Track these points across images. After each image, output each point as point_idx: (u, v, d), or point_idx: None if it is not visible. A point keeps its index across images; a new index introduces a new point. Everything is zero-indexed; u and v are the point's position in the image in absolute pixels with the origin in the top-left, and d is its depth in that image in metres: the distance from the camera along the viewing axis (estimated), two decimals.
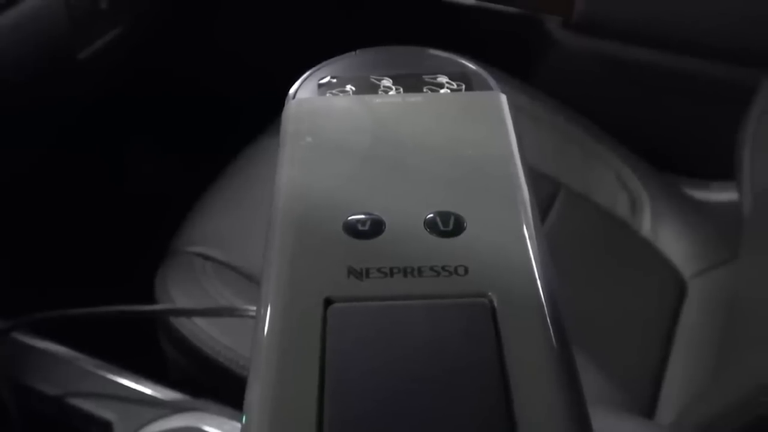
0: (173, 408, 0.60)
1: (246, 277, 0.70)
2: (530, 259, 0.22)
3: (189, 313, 0.65)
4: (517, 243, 0.23)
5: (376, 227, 0.23)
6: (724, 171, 0.83)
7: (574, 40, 0.95)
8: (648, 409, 0.71)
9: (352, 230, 0.23)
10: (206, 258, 0.71)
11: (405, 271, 0.22)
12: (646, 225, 0.85)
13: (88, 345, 0.65)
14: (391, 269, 0.22)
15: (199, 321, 0.66)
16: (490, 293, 0.21)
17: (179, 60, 1.01)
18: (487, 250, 0.22)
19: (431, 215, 0.23)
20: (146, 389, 0.62)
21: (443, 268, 0.22)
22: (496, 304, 0.21)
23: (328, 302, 0.21)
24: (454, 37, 0.90)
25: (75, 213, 0.93)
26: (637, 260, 0.83)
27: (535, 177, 0.84)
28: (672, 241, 0.84)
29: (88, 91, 0.87)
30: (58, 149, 0.89)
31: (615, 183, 0.87)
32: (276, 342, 0.21)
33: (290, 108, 0.29)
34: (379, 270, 0.22)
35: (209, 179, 0.80)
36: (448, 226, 0.23)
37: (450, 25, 1.03)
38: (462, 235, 0.23)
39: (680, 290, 0.82)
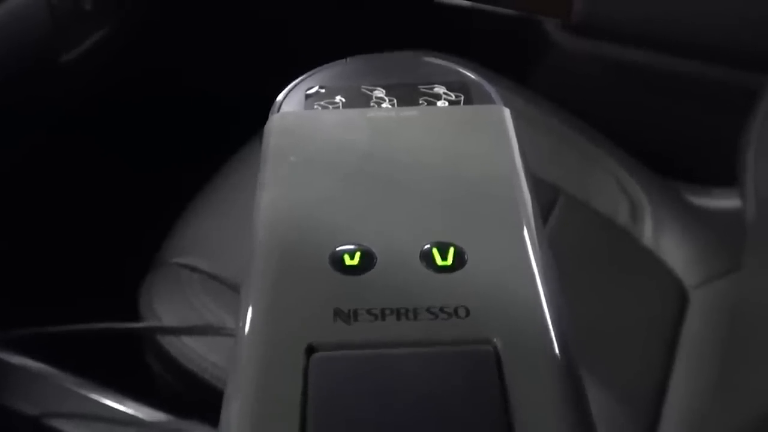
0: (157, 429, 0.58)
1: (234, 289, 0.67)
2: (540, 297, 0.20)
3: (173, 331, 0.63)
4: (525, 279, 0.20)
5: (366, 261, 0.21)
6: (727, 176, 0.81)
7: (573, 42, 0.93)
8: (650, 425, 0.69)
9: (339, 264, 0.21)
10: (193, 269, 0.68)
11: (398, 313, 0.19)
12: (647, 233, 0.83)
13: (70, 362, 0.62)
14: (382, 311, 0.19)
15: (185, 338, 0.63)
16: (494, 339, 0.19)
17: (166, 63, 0.99)
18: (491, 288, 0.20)
19: (428, 246, 0.21)
20: (129, 409, 0.60)
21: (441, 309, 0.19)
22: (501, 351, 0.18)
23: (310, 350, 0.19)
24: (450, 39, 0.87)
25: (55, 222, 0.90)
26: (638, 269, 0.81)
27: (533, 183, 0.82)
28: (674, 250, 0.82)
29: (72, 95, 0.85)
30: (38, 155, 0.86)
31: (615, 189, 0.85)
32: (251, 396, 0.18)
33: (273, 123, 0.26)
34: (368, 312, 0.19)
35: (197, 186, 0.78)
36: (447, 259, 0.21)
37: (446, 27, 1.01)
38: (462, 270, 0.20)
39: (682, 300, 0.79)
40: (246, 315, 0.20)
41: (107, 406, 0.60)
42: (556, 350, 0.19)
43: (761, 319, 0.63)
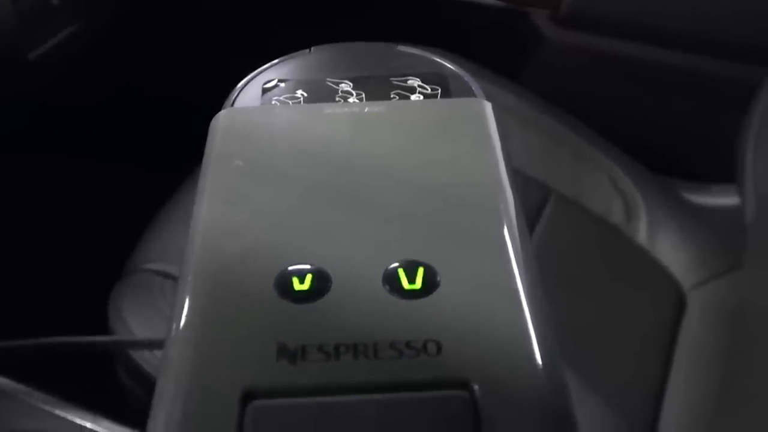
0: None
1: None
2: (527, 328, 0.16)
3: (142, 345, 0.59)
4: (509, 306, 0.17)
5: (318, 285, 0.17)
6: (725, 173, 0.78)
7: (563, 35, 0.90)
8: None
9: (287, 289, 0.17)
10: (166, 276, 0.65)
11: (355, 350, 0.16)
12: (642, 232, 0.80)
13: (36, 377, 0.59)
14: (336, 347, 0.16)
15: (158, 351, 0.60)
16: (471, 382, 0.15)
17: (138, 61, 0.95)
18: (467, 317, 0.17)
19: (393, 266, 0.18)
20: (99, 427, 0.56)
21: (407, 344, 0.16)
22: (479, 397, 0.15)
23: (247, 397, 0.15)
24: (435, 33, 0.84)
25: (19, 228, 0.87)
26: (633, 270, 0.78)
27: (523, 182, 0.79)
28: (670, 250, 0.79)
29: (39, 93, 0.81)
30: (2, 156, 0.83)
31: (608, 187, 0.82)
32: None
33: (218, 121, 0.23)
34: (319, 348, 0.16)
35: (170, 189, 0.74)
36: (415, 281, 0.17)
37: (432, 20, 0.98)
38: (433, 295, 0.17)
39: (679, 302, 0.77)
40: (172, 351, 0.16)
41: (76, 424, 0.57)
42: (547, 396, 0.15)
43: (762, 320, 0.61)
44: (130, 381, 0.62)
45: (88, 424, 0.57)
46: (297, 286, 0.17)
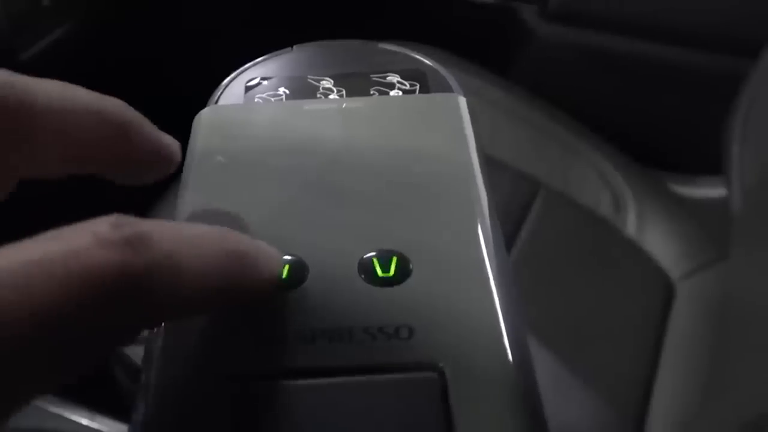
0: None
1: None
2: (496, 314, 0.17)
3: (138, 341, 0.60)
4: (479, 292, 0.18)
5: (295, 274, 0.18)
6: (712, 165, 0.79)
7: (552, 29, 0.91)
8: (637, 423, 0.67)
9: None
10: None
11: (330, 336, 0.17)
12: (630, 224, 0.81)
13: None
14: (312, 333, 0.17)
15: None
16: (441, 364, 0.16)
17: (133, 59, 0.95)
18: (438, 303, 0.17)
19: (368, 255, 0.18)
20: (94, 423, 0.57)
21: (380, 329, 0.17)
22: (449, 378, 0.16)
23: (228, 380, 0.16)
24: (424, 29, 0.85)
25: (12, 224, 0.87)
26: (622, 262, 0.79)
27: (511, 176, 0.80)
28: (658, 241, 0.80)
29: None
30: None
31: (597, 181, 0.83)
32: None
33: (201, 118, 0.23)
34: (297, 334, 0.17)
35: (161, 187, 0.75)
36: (389, 270, 0.18)
37: (420, 16, 0.98)
38: (406, 283, 0.18)
39: (668, 293, 0.77)
40: (158, 338, 0.17)
41: (72, 420, 0.58)
42: (514, 377, 0.16)
43: (750, 310, 0.61)
44: (125, 378, 0.63)
45: (84, 421, 0.57)
46: None
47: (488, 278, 0.18)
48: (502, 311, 0.17)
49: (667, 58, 0.87)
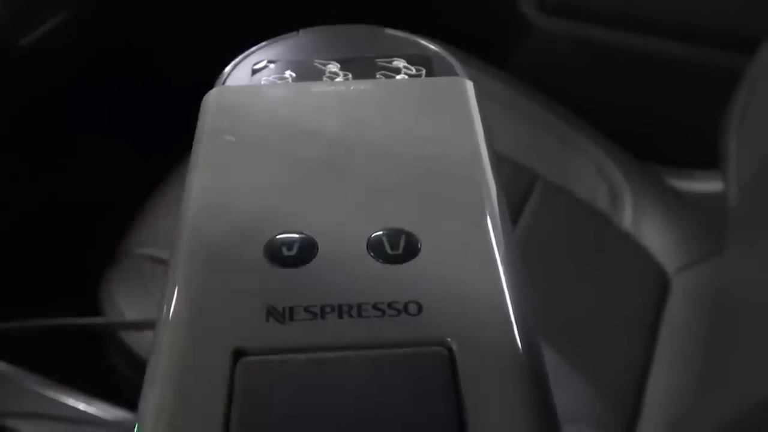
0: (119, 428, 0.55)
1: None
2: (502, 291, 0.17)
3: (134, 326, 0.60)
4: (486, 270, 0.18)
5: (306, 251, 0.18)
6: (709, 160, 0.79)
7: (551, 23, 0.91)
8: (631, 415, 0.67)
9: (276, 255, 0.18)
10: (157, 260, 0.66)
11: (340, 310, 0.17)
12: (627, 217, 0.81)
13: (29, 360, 0.60)
14: (322, 308, 0.17)
15: (149, 333, 0.60)
16: (449, 339, 0.16)
17: (132, 46, 0.95)
18: (446, 280, 0.18)
19: (377, 234, 0.18)
20: (90, 408, 0.57)
21: (390, 305, 0.17)
22: (456, 353, 0.16)
23: (238, 354, 0.16)
24: (423, 20, 0.85)
25: (12, 212, 0.87)
26: (618, 255, 0.79)
27: (509, 168, 0.80)
28: (654, 235, 0.80)
29: (32, 81, 0.81)
30: None
31: (594, 174, 0.83)
32: (166, 409, 0.16)
33: (210, 98, 0.23)
34: (306, 309, 0.17)
35: (161, 175, 0.75)
36: (398, 248, 0.18)
37: (419, 7, 0.98)
38: (415, 261, 0.18)
39: (663, 286, 0.78)
40: (167, 313, 0.17)
41: (68, 405, 0.57)
42: (520, 352, 0.16)
43: (744, 304, 0.62)
44: (121, 363, 0.63)
45: (81, 406, 0.57)
46: (285, 252, 0.18)
47: (495, 257, 0.18)
48: (508, 289, 0.17)
49: (666, 52, 0.88)
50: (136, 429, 0.16)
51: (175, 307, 0.17)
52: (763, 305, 0.57)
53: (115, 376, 0.65)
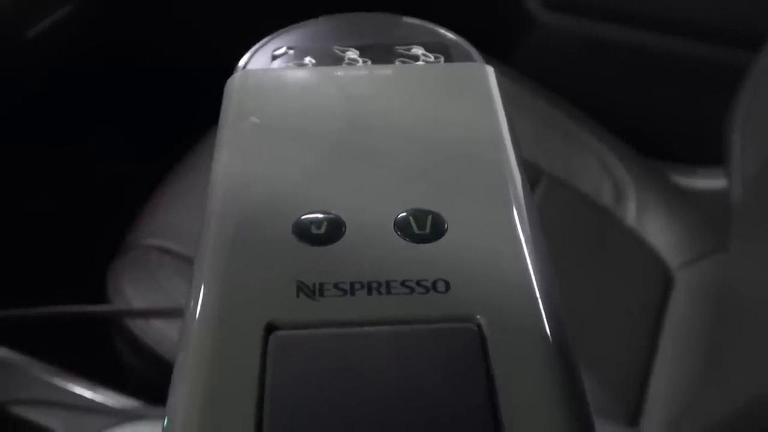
0: (124, 416, 0.55)
1: None
2: (528, 269, 0.18)
3: (142, 314, 0.60)
4: (511, 248, 0.18)
5: (334, 230, 0.18)
6: (713, 156, 0.79)
7: (555, 19, 0.91)
8: (634, 411, 0.68)
9: (305, 234, 0.18)
10: (164, 251, 0.66)
11: (369, 287, 0.17)
12: (631, 213, 0.81)
13: (35, 348, 0.60)
14: (351, 285, 0.17)
15: (155, 322, 0.61)
16: (477, 315, 0.17)
17: (138, 38, 0.95)
18: (473, 259, 0.18)
19: (404, 214, 0.19)
20: (96, 395, 0.57)
21: (418, 283, 0.17)
22: (485, 329, 0.16)
23: (270, 328, 0.17)
24: (425, 15, 0.85)
25: (21, 203, 0.87)
26: (622, 250, 0.80)
27: None
28: (658, 231, 0.80)
29: (38, 72, 0.82)
30: (3, 134, 0.83)
31: (598, 169, 0.84)
32: (201, 380, 0.16)
33: (234, 81, 0.24)
34: (336, 286, 0.17)
35: (169, 165, 0.75)
36: (425, 228, 0.18)
37: (422, 2, 0.98)
38: (442, 240, 0.18)
39: (667, 282, 0.78)
40: (198, 290, 0.17)
41: (74, 393, 0.58)
42: (547, 327, 0.16)
43: (747, 300, 0.62)
44: (128, 352, 0.63)
45: (87, 394, 0.58)
46: (314, 231, 0.18)
47: (519, 235, 0.18)
48: (533, 267, 0.18)
49: (670, 48, 0.88)
50: (165, 422, 0.16)
51: (205, 285, 0.18)
52: (766, 301, 0.58)
53: (122, 364, 0.65)
